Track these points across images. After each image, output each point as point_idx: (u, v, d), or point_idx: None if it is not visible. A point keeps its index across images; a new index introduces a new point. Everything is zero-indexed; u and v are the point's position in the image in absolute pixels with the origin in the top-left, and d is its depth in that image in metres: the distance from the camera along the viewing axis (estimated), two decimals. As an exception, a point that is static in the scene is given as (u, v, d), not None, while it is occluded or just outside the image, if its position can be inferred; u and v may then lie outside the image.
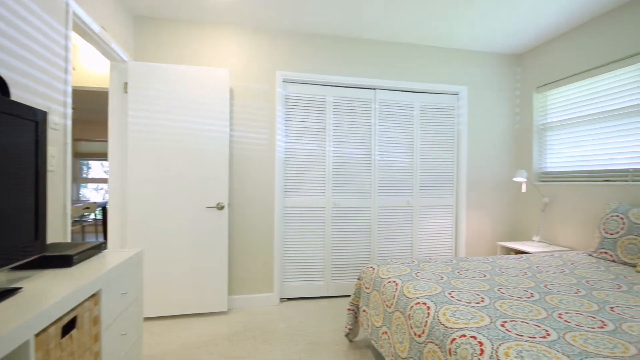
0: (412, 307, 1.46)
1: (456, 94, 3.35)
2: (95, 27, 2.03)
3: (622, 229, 2.16)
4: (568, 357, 0.96)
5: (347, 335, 2.17)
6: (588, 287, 1.63)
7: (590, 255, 2.35)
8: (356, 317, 2.14)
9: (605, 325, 1.19)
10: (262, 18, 2.72)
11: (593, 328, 1.16)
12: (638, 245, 2.04)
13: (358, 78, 3.08)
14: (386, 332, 1.65)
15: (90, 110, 6.16)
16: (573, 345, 1.03)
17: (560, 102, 3.00)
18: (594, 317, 1.25)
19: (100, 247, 1.46)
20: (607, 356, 0.96)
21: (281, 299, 2.98)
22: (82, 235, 6.20)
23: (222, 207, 2.61)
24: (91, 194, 7.80)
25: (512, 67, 3.47)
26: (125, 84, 2.52)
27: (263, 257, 2.89)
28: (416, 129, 3.25)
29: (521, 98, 3.42)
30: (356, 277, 3.09)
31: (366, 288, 1.99)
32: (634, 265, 2.03)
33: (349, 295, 3.11)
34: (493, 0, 2.44)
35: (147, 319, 2.55)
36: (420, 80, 3.23)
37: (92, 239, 6.60)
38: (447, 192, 3.33)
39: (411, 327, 1.41)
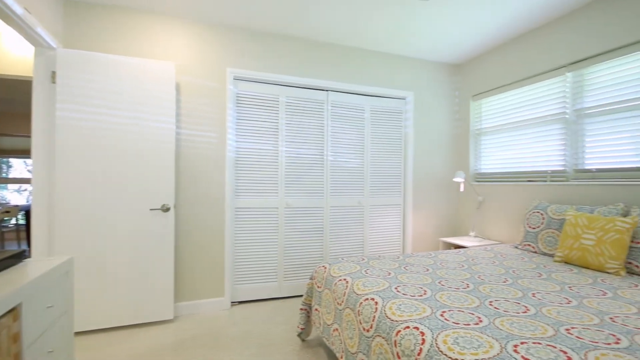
0: (361, 303, 1.51)
1: (403, 98, 3.53)
2: (18, 9, 1.79)
3: (542, 223, 2.45)
4: (496, 340, 1.07)
5: (299, 334, 2.17)
6: (514, 276, 1.83)
7: (516, 247, 2.62)
8: (309, 316, 2.16)
9: (528, 310, 1.34)
10: (212, 12, 2.62)
11: (518, 313, 1.30)
12: (555, 237, 2.33)
13: (311, 79, 3.10)
14: (337, 329, 1.69)
15: (13, 101, 5.43)
16: (501, 330, 1.14)
17: (493, 109, 3.32)
18: (519, 303, 1.41)
19: (22, 255, 1.30)
20: (529, 338, 1.09)
21: (232, 302, 2.90)
22: (1, 243, 5.43)
23: (167, 209, 2.47)
24: (12, 195, 6.87)
25: (452, 75, 3.75)
26: (53, 73, 2.26)
27: (213, 260, 2.78)
28: (367, 131, 3.36)
29: (460, 105, 3.72)
30: (309, 276, 3.11)
31: (318, 287, 2.01)
32: (552, 256, 2.32)
33: (302, 295, 3.12)
34: (434, 15, 2.62)
35: (81, 333, 2.32)
36: (371, 84, 3.35)
37: (13, 247, 5.82)
38: (395, 192, 3.50)
39: (360, 323, 1.46)
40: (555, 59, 2.70)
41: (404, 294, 1.50)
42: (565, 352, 0.99)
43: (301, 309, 2.17)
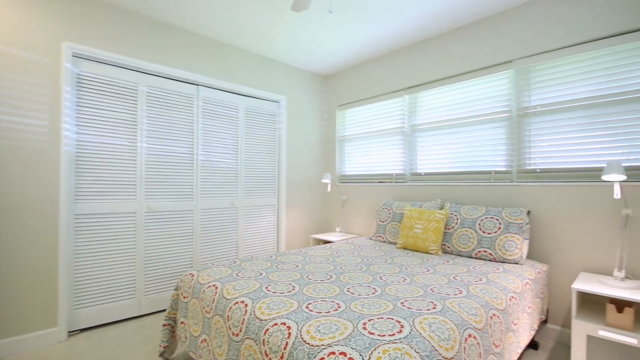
0: (230, 307, 1.47)
1: (277, 102, 3.63)
2: None
3: (389, 217, 2.94)
4: (350, 321, 1.22)
5: (162, 354, 1.94)
6: (368, 263, 2.12)
7: (371, 239, 3.06)
8: (173, 332, 1.96)
9: (376, 291, 1.58)
10: (40, -32, 2.07)
11: (368, 295, 1.52)
12: (397, 228, 2.83)
13: (180, 70, 2.83)
14: (205, 340, 1.59)
15: None
16: (354, 311, 1.31)
17: (354, 119, 3.78)
18: (370, 286, 1.64)
19: None
20: (375, 314, 1.28)
21: (71, 332, 2.36)
22: None
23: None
24: None
25: (321, 85, 4.09)
26: None
27: (41, 283, 2.19)
28: (241, 130, 3.30)
29: (327, 113, 4.09)
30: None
31: (184, 297, 1.85)
32: (395, 243, 2.81)
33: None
34: (310, 27, 2.80)
35: None
36: (246, 84, 3.31)
37: None
38: (270, 193, 3.56)
39: (230, 328, 1.42)
40: (399, 83, 3.28)
41: (273, 292, 1.54)
42: (399, 322, 1.21)
43: (164, 325, 1.95)
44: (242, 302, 1.46)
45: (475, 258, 2.29)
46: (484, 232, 2.29)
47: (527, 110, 2.44)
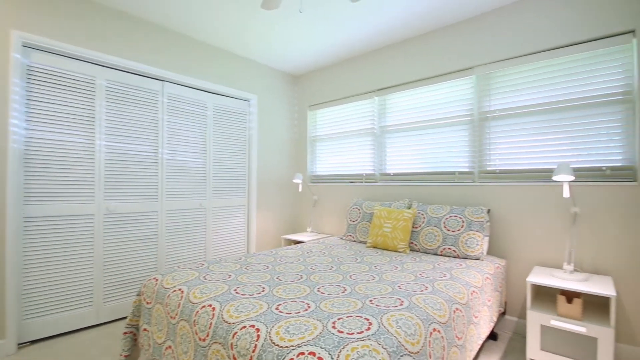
0: (197, 312, 1.42)
1: (248, 100, 3.57)
2: None
3: (359, 217, 2.99)
4: (320, 321, 1.22)
5: (122, 363, 1.84)
6: (338, 262, 2.14)
7: (341, 238, 3.09)
8: (135, 340, 1.86)
9: (345, 290, 1.59)
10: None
11: (338, 294, 1.53)
12: (367, 228, 2.88)
13: (143, 65, 2.70)
14: (170, 347, 1.53)
15: None
16: (324, 311, 1.32)
17: (325, 119, 3.80)
18: (340, 286, 1.66)
19: None
20: (345, 313, 1.29)
21: (20, 344, 2.17)
22: None
23: None
24: None
25: (293, 85, 4.08)
26: None
27: (-17, 293, 2.00)
28: (210, 129, 3.21)
29: (299, 112, 4.08)
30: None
31: (147, 303, 1.77)
32: (365, 242, 2.85)
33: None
34: (282, 26, 2.78)
35: None
36: (215, 81, 3.22)
37: None
38: (240, 193, 3.49)
39: (196, 333, 1.37)
40: (369, 84, 3.34)
41: (242, 295, 1.51)
42: (368, 319, 1.23)
43: (125, 333, 1.85)
44: (210, 305, 1.42)
45: (441, 255, 2.38)
46: (448, 230, 2.39)
47: (487, 115, 2.58)
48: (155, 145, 2.82)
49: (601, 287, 1.81)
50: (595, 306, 2.03)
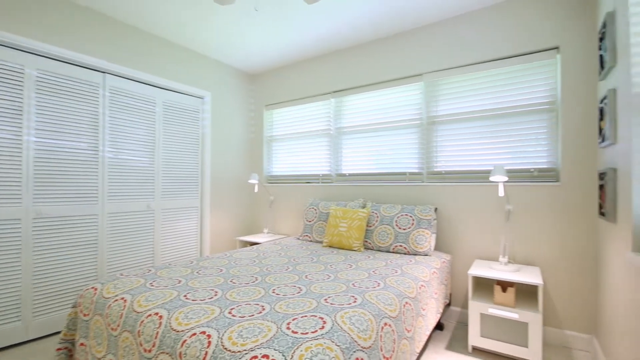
0: (142, 321, 1.33)
1: (201, 97, 3.42)
2: None
3: (315, 217, 3.01)
4: (274, 322, 1.21)
5: (55, 383, 1.67)
6: (294, 263, 2.14)
7: (298, 239, 3.09)
8: (71, 356, 1.69)
9: (301, 290, 1.60)
10: None
11: (293, 295, 1.53)
12: (324, 227, 2.91)
13: (80, 54, 2.47)
14: (111, 360, 1.41)
15: None
16: (279, 312, 1.31)
17: (282, 119, 3.78)
18: (295, 286, 1.66)
19: None
20: (300, 313, 1.30)
21: None
22: None
23: None
24: None
25: (249, 83, 3.99)
26: None
27: None
28: (159, 126, 3.03)
29: (255, 112, 4.01)
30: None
31: (84, 315, 1.62)
32: (322, 242, 2.88)
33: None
34: (238, 22, 2.70)
35: None
36: (165, 76, 3.05)
37: None
38: (192, 194, 3.33)
39: (141, 344, 1.28)
40: (325, 86, 3.38)
41: (193, 300, 1.44)
42: (322, 318, 1.25)
43: (58, 349, 1.67)
44: (156, 313, 1.34)
45: (393, 252, 2.49)
46: (400, 228, 2.50)
47: (435, 119, 2.74)
48: (95, 143, 2.59)
49: (530, 276, 2.02)
50: (526, 294, 2.26)
